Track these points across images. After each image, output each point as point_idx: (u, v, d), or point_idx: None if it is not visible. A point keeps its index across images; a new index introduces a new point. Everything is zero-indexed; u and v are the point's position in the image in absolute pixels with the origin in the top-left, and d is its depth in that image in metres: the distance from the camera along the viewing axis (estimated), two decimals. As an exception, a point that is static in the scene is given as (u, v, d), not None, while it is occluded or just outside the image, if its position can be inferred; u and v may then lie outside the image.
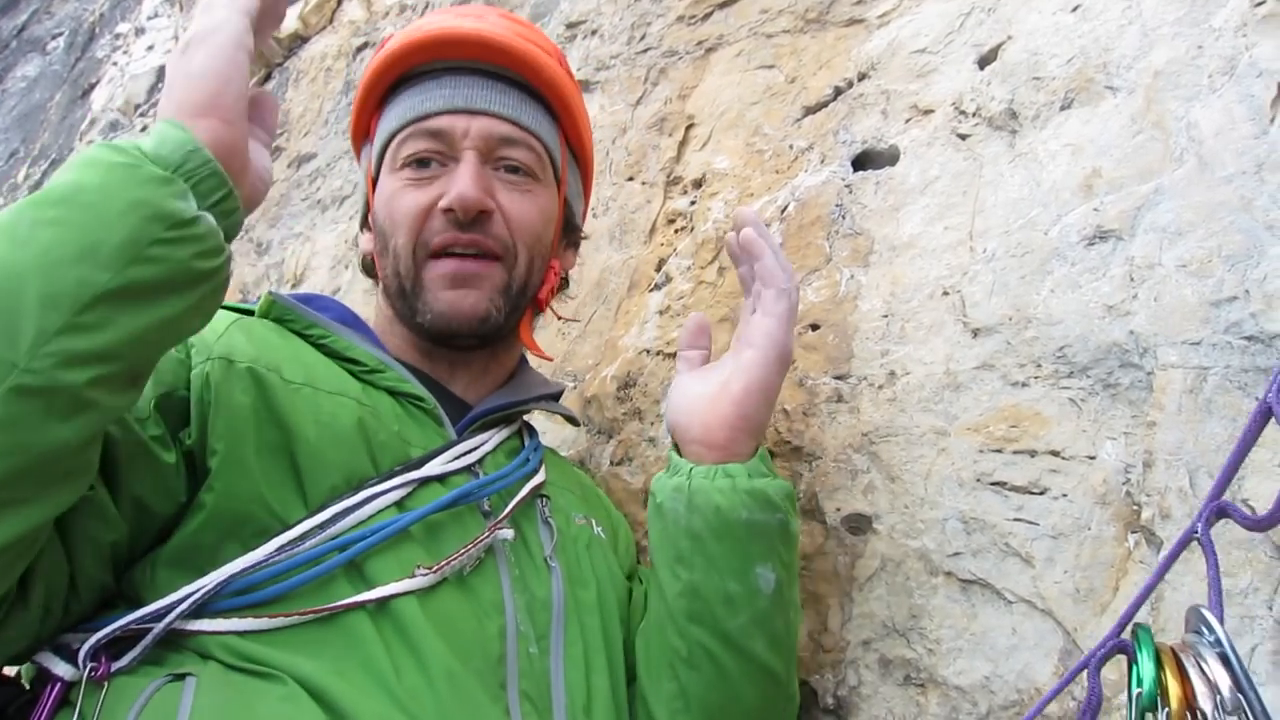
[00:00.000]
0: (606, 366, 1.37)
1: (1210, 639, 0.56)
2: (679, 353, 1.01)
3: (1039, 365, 0.94)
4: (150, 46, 3.37)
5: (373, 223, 1.06)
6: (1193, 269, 0.85)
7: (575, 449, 1.37)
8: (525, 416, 1.11)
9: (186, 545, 0.79)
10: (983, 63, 1.12)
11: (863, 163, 1.21)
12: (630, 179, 1.51)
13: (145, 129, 3.00)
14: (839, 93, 1.28)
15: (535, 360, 1.48)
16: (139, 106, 3.20)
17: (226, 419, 0.81)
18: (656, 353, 1.31)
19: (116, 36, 3.68)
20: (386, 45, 1.05)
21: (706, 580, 0.88)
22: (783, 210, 1.25)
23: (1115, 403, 0.88)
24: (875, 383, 1.06)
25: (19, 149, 3.94)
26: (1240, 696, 0.52)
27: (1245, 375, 0.80)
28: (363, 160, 1.12)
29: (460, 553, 0.85)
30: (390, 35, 1.08)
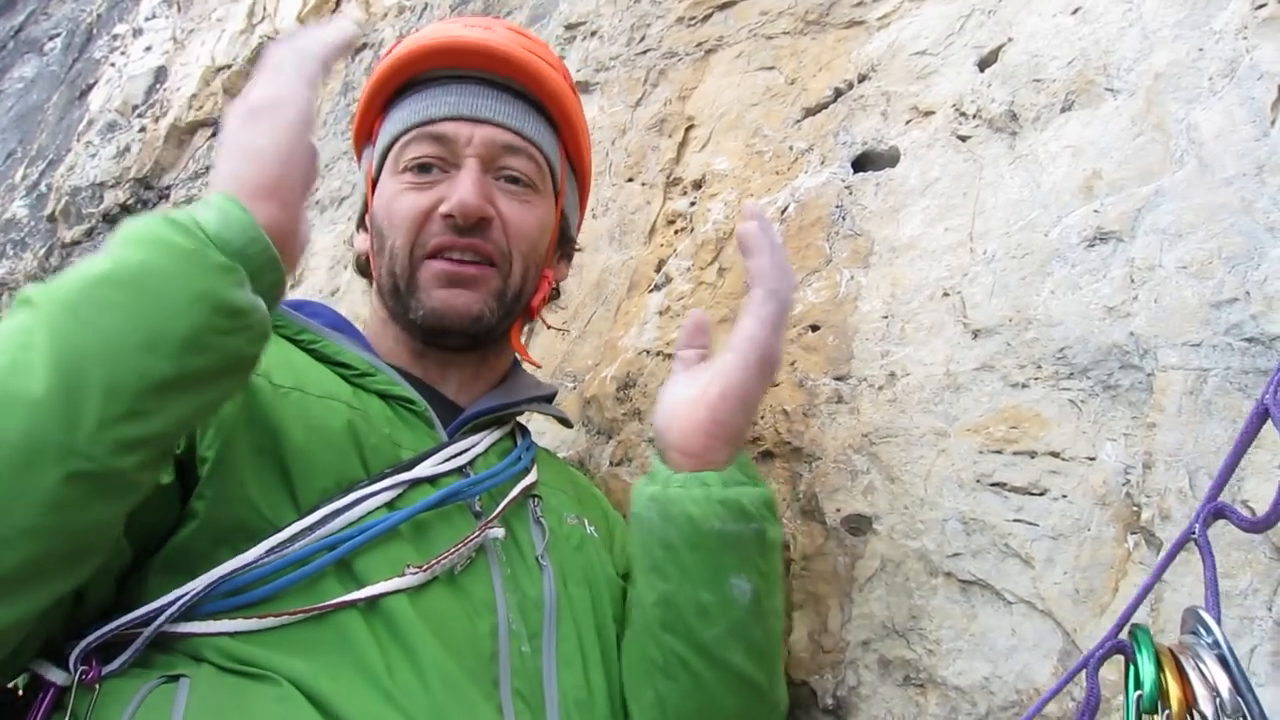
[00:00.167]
0: (606, 367, 1.37)
1: (1208, 640, 0.56)
2: (676, 352, 1.00)
3: (1039, 366, 0.94)
4: (148, 48, 3.36)
5: (370, 223, 1.06)
6: (1193, 270, 0.86)
7: (575, 449, 1.37)
8: (519, 419, 1.11)
9: (179, 551, 0.78)
10: (983, 64, 1.12)
11: (863, 164, 1.21)
12: (630, 180, 1.51)
13: (143, 128, 3.00)
14: (839, 94, 1.28)
15: (537, 359, 1.48)
16: (136, 107, 3.19)
17: (216, 426, 0.81)
18: (656, 353, 1.31)
19: (114, 38, 3.67)
20: (394, 50, 1.05)
21: (680, 591, 0.88)
22: (783, 211, 1.25)
23: (1115, 404, 0.89)
24: (875, 384, 1.06)
25: (16, 149, 3.93)
26: (1239, 699, 0.52)
27: (1245, 377, 0.80)
28: (363, 161, 1.12)
29: (451, 551, 0.85)
30: (397, 40, 1.08)
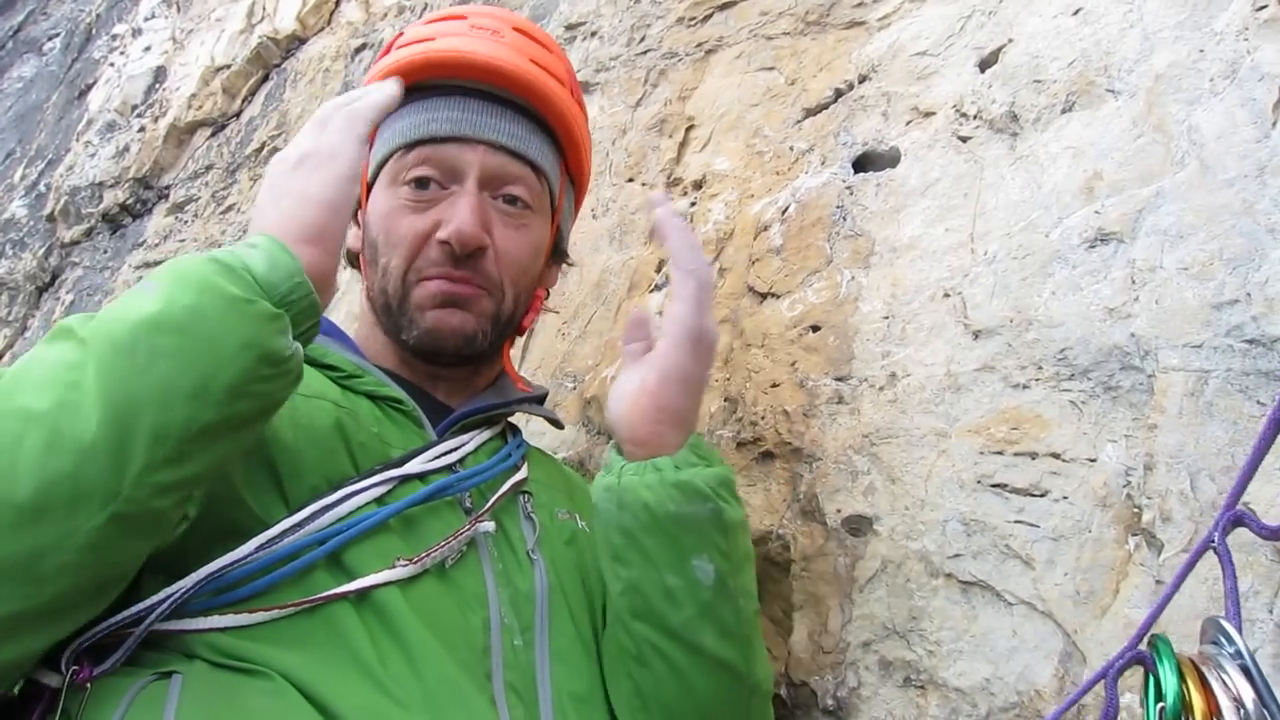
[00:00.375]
0: (607, 367, 1.37)
1: (1230, 650, 0.55)
2: (624, 349, 1.00)
3: (1040, 367, 0.94)
4: (147, 48, 3.36)
5: (364, 230, 1.06)
6: (1194, 272, 0.85)
7: (575, 449, 1.36)
8: (511, 420, 1.11)
9: (173, 552, 0.78)
10: (984, 65, 1.12)
11: (863, 164, 1.21)
12: (630, 180, 1.51)
13: (142, 128, 3.00)
14: (839, 95, 1.28)
15: (537, 359, 1.48)
16: (135, 107, 3.18)
17: None
18: (656, 354, 1.30)
19: (113, 38, 3.67)
20: (395, 50, 1.04)
21: (645, 577, 0.88)
22: (783, 212, 1.25)
23: (1116, 405, 0.89)
24: (876, 384, 1.06)
25: (15, 149, 3.92)
26: (1264, 710, 0.52)
27: (1246, 378, 0.80)
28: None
29: (441, 545, 0.85)
30: (399, 34, 1.07)
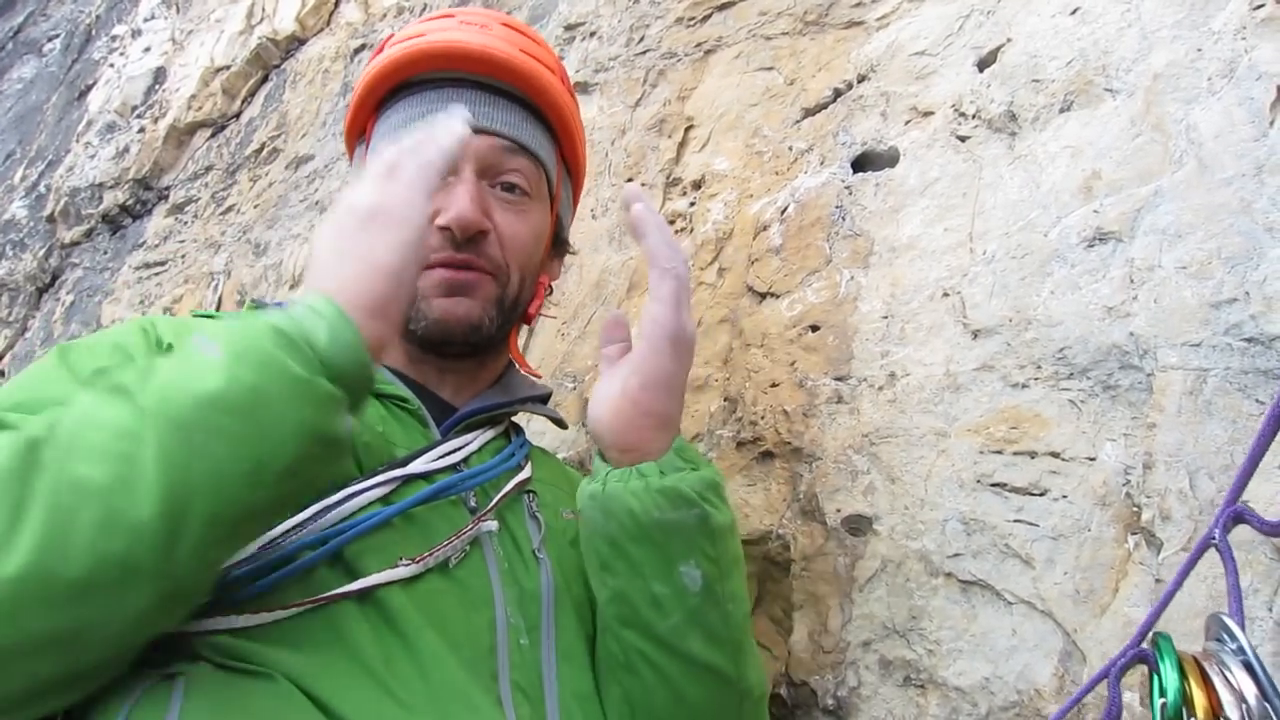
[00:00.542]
0: (606, 368, 1.37)
1: (1233, 647, 0.55)
2: (601, 352, 0.98)
3: (1039, 367, 0.94)
4: (147, 49, 3.36)
5: None
6: (1192, 271, 0.86)
7: (575, 449, 1.37)
8: (514, 419, 1.11)
9: None
10: (982, 65, 1.12)
11: (862, 164, 1.21)
12: (630, 180, 1.51)
13: (142, 129, 2.99)
14: (838, 94, 1.28)
15: (537, 359, 1.48)
16: (135, 108, 3.19)
17: None
18: (656, 354, 1.30)
19: (113, 39, 3.67)
20: (387, 49, 1.04)
21: (631, 585, 0.88)
22: (782, 211, 1.25)
23: (1115, 404, 0.89)
24: (875, 384, 1.06)
25: (15, 150, 3.93)
26: (1267, 705, 0.52)
27: (1245, 377, 0.80)
28: (355, 160, 1.12)
29: (444, 544, 0.85)
30: (390, 35, 1.07)
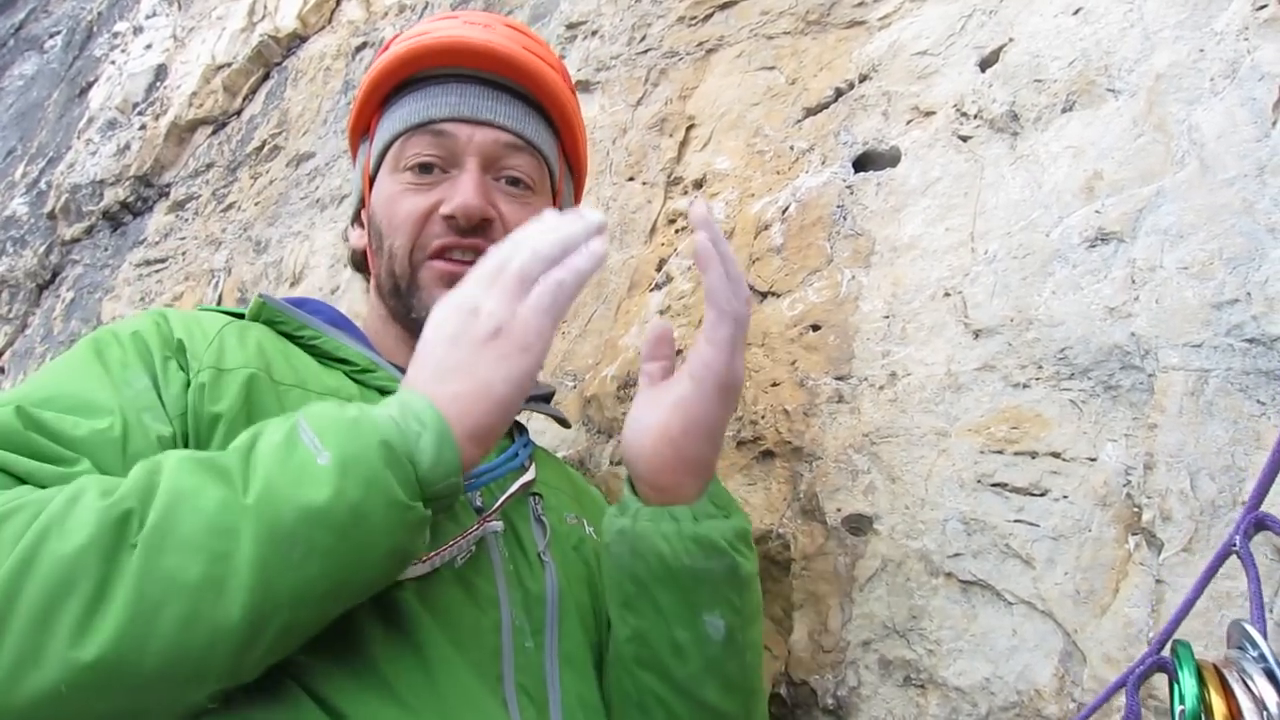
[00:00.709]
0: (606, 366, 1.37)
1: (1254, 654, 0.55)
2: (642, 366, 0.96)
3: (1040, 367, 0.94)
4: (148, 45, 3.36)
5: (367, 220, 1.06)
6: (1194, 271, 0.85)
7: (575, 449, 1.37)
8: (516, 417, 1.11)
9: None
10: (984, 65, 1.12)
11: (864, 164, 1.21)
12: (631, 179, 1.51)
13: (143, 126, 2.99)
14: (840, 94, 1.28)
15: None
16: (136, 105, 3.19)
17: (216, 426, 0.80)
18: (657, 353, 1.30)
19: (114, 35, 3.67)
20: (392, 46, 1.05)
21: (654, 628, 0.87)
22: (784, 211, 1.25)
23: (1116, 404, 0.89)
24: (876, 383, 1.06)
25: (16, 147, 3.93)
26: None
27: (1246, 378, 0.80)
28: (359, 157, 1.12)
29: (451, 544, 0.85)
30: (395, 36, 1.08)
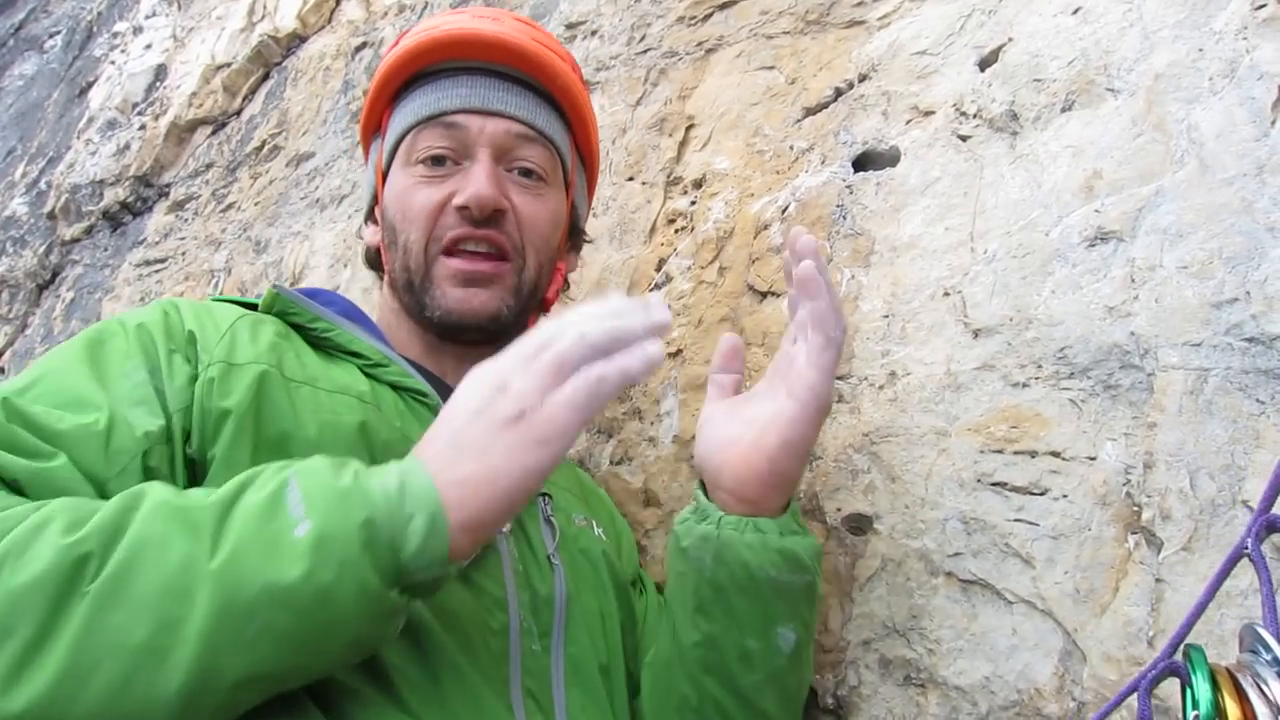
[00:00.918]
0: (606, 366, 1.37)
1: (1267, 658, 0.55)
2: (710, 375, 0.97)
3: (1040, 366, 0.94)
4: (148, 45, 3.36)
5: (381, 216, 1.06)
6: (1194, 270, 0.86)
7: (575, 449, 1.37)
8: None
9: None
10: (983, 64, 1.12)
11: (863, 163, 1.21)
12: (630, 179, 1.51)
13: (143, 126, 2.99)
14: (839, 94, 1.28)
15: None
16: (136, 105, 3.19)
17: (224, 422, 0.80)
18: (656, 353, 1.30)
19: (114, 35, 3.67)
20: (401, 41, 1.05)
21: (726, 635, 0.88)
22: (783, 211, 1.25)
23: (1116, 404, 0.89)
24: (876, 383, 1.06)
25: (16, 147, 3.93)
26: None
27: (1246, 377, 0.80)
28: (371, 154, 1.12)
29: None
30: (403, 34, 1.08)
